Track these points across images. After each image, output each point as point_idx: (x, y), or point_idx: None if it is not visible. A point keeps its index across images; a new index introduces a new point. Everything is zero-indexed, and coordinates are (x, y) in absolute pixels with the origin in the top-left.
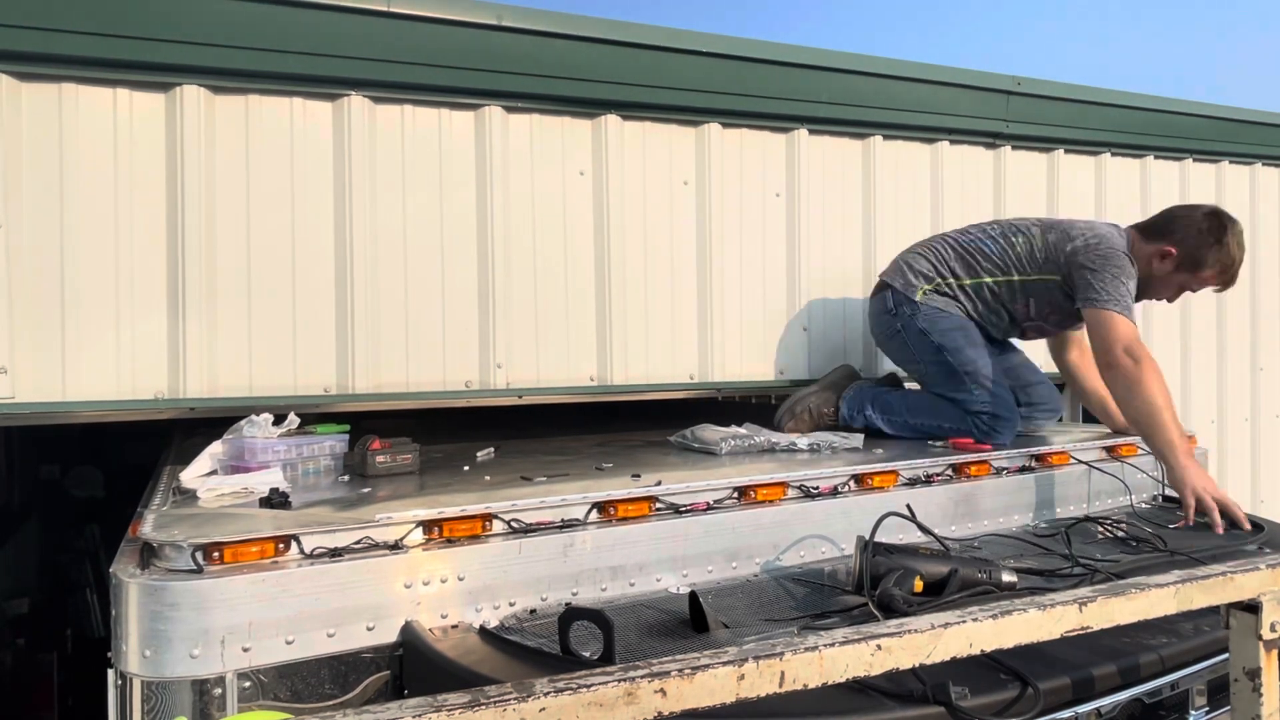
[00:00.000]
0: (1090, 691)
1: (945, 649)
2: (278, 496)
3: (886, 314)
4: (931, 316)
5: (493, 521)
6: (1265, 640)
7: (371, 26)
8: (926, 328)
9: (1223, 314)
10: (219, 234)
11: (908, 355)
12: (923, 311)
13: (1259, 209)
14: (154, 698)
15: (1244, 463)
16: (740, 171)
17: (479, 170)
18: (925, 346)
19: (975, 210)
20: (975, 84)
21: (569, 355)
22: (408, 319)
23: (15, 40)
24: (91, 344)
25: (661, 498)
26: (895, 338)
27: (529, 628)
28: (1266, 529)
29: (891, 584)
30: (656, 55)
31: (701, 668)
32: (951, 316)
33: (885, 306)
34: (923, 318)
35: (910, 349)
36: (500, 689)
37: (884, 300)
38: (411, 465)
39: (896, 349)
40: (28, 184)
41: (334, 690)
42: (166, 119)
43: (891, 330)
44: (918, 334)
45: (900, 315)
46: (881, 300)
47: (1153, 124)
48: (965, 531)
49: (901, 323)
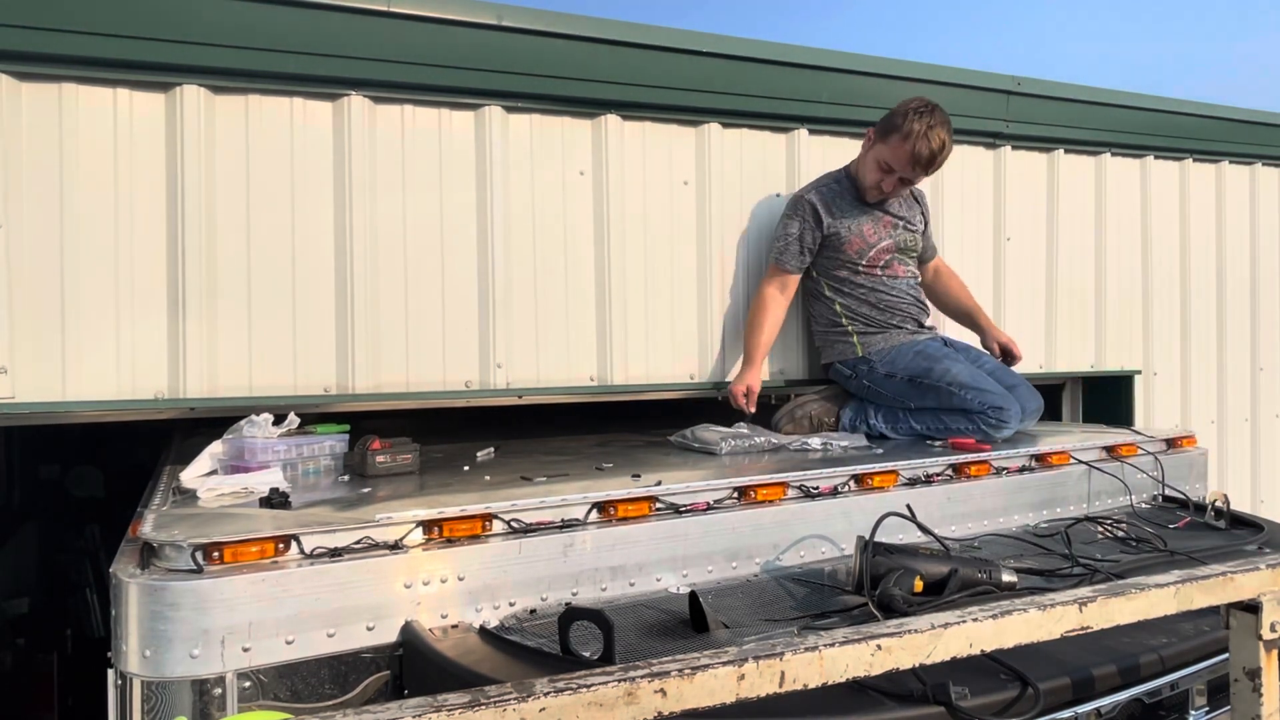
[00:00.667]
0: (1090, 691)
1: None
2: (278, 496)
3: (851, 380)
4: (887, 358)
5: (493, 521)
6: (1265, 640)
7: (371, 26)
8: (890, 370)
9: (1223, 314)
10: (219, 234)
11: (891, 400)
12: (875, 359)
13: (1259, 209)
14: (154, 698)
15: (1244, 463)
16: (740, 171)
17: (479, 170)
18: (899, 386)
19: (975, 210)
20: (975, 84)
21: (569, 355)
22: (408, 319)
23: (15, 40)
24: (91, 344)
25: (661, 498)
26: (871, 392)
27: (529, 628)
28: (1266, 529)
29: (891, 584)
30: (656, 55)
31: (701, 668)
32: (900, 348)
33: (845, 376)
34: (880, 364)
35: (890, 395)
36: (500, 689)
37: (840, 374)
38: (411, 465)
39: (879, 399)
40: (28, 184)
41: (334, 690)
42: (166, 119)
43: (864, 390)
44: (885, 380)
45: (860, 374)
46: (839, 374)
47: (1153, 124)
48: (965, 531)
49: (866, 380)
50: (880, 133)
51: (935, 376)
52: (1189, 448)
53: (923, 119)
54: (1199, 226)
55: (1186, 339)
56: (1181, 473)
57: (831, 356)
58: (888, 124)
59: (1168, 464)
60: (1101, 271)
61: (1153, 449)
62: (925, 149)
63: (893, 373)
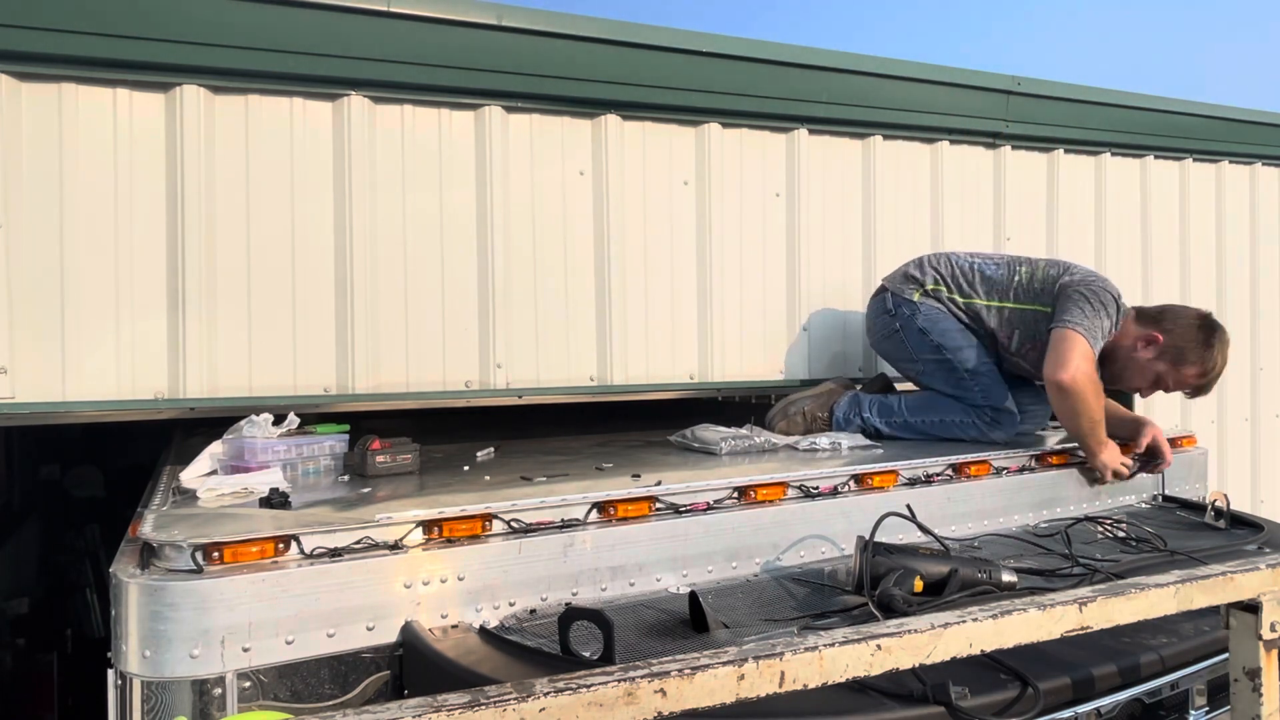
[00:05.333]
0: (1090, 691)
1: (945, 649)
2: (278, 496)
3: (885, 314)
4: (931, 316)
5: (493, 521)
6: (1265, 640)
7: (371, 26)
8: (926, 327)
9: (1223, 314)
10: (219, 234)
11: (905, 354)
12: (922, 311)
13: (1259, 209)
14: (154, 698)
15: (1244, 463)
16: (740, 171)
17: (479, 170)
18: (924, 345)
19: (975, 210)
20: (975, 84)
21: (569, 355)
22: (407, 319)
23: (15, 40)
24: (91, 344)
25: (661, 498)
26: (893, 337)
27: (529, 628)
28: (1266, 529)
29: (891, 584)
30: (656, 55)
31: (701, 668)
32: (950, 318)
33: (884, 307)
34: (922, 317)
35: (908, 348)
36: (500, 689)
37: (883, 301)
38: (411, 465)
39: (894, 348)
40: (28, 184)
41: (334, 690)
42: (166, 119)
43: (890, 330)
44: (917, 333)
45: (899, 315)
46: (880, 301)
47: (1153, 124)
48: (965, 531)
49: (900, 322)
50: (1173, 355)
51: (960, 357)
52: (1189, 448)
53: (1223, 350)
54: (1199, 226)
55: None
56: (1181, 473)
57: (893, 284)
58: (1180, 350)
59: None
60: (1101, 271)
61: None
62: (1214, 384)
63: (927, 330)
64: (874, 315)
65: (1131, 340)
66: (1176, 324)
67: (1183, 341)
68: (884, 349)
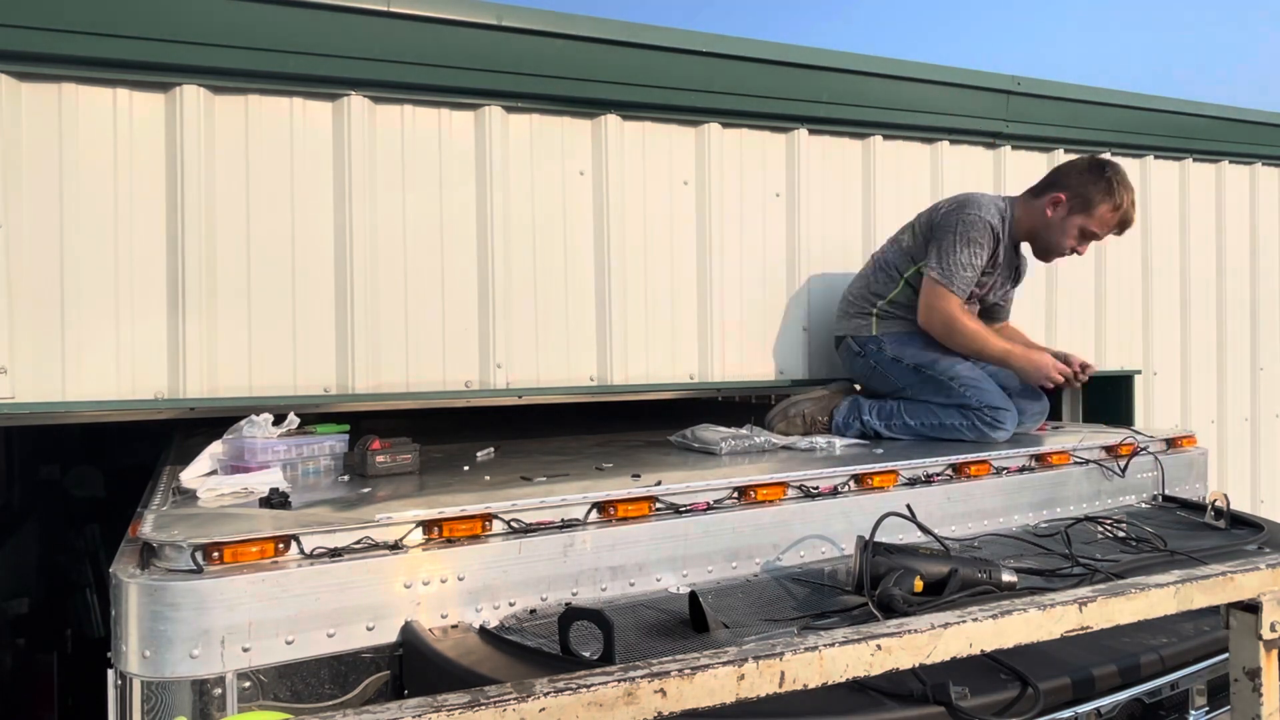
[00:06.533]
0: (1090, 691)
1: (945, 649)
2: (278, 496)
3: (857, 358)
4: (899, 341)
5: (493, 521)
6: (1265, 640)
7: (371, 26)
8: (898, 354)
9: (1223, 314)
10: (219, 234)
11: (891, 385)
12: (887, 342)
13: (1259, 209)
14: (154, 698)
15: (1244, 463)
16: (740, 171)
17: (479, 170)
18: (904, 371)
19: None
20: (975, 84)
21: (569, 355)
22: (407, 319)
23: (15, 40)
24: (91, 344)
25: (661, 498)
26: (874, 374)
27: (529, 628)
28: (1266, 529)
29: (891, 584)
30: (656, 55)
31: (701, 668)
32: (913, 332)
33: (853, 352)
34: (890, 346)
35: (892, 379)
36: (500, 689)
37: (848, 348)
38: (411, 465)
39: (880, 384)
40: (28, 184)
41: (334, 690)
42: (166, 119)
43: (869, 370)
44: (891, 362)
45: (869, 353)
46: (846, 349)
47: (1153, 124)
48: (965, 531)
49: (874, 360)
50: (1080, 203)
51: (940, 369)
52: (1189, 447)
53: (1124, 184)
54: (1199, 226)
55: (1186, 339)
56: (1181, 472)
57: (845, 330)
58: (1084, 193)
59: (1168, 464)
60: (1101, 271)
61: (1153, 449)
62: (1132, 214)
63: (900, 357)
64: (848, 363)
65: (1040, 213)
66: (1070, 177)
67: (1082, 187)
68: (872, 388)
